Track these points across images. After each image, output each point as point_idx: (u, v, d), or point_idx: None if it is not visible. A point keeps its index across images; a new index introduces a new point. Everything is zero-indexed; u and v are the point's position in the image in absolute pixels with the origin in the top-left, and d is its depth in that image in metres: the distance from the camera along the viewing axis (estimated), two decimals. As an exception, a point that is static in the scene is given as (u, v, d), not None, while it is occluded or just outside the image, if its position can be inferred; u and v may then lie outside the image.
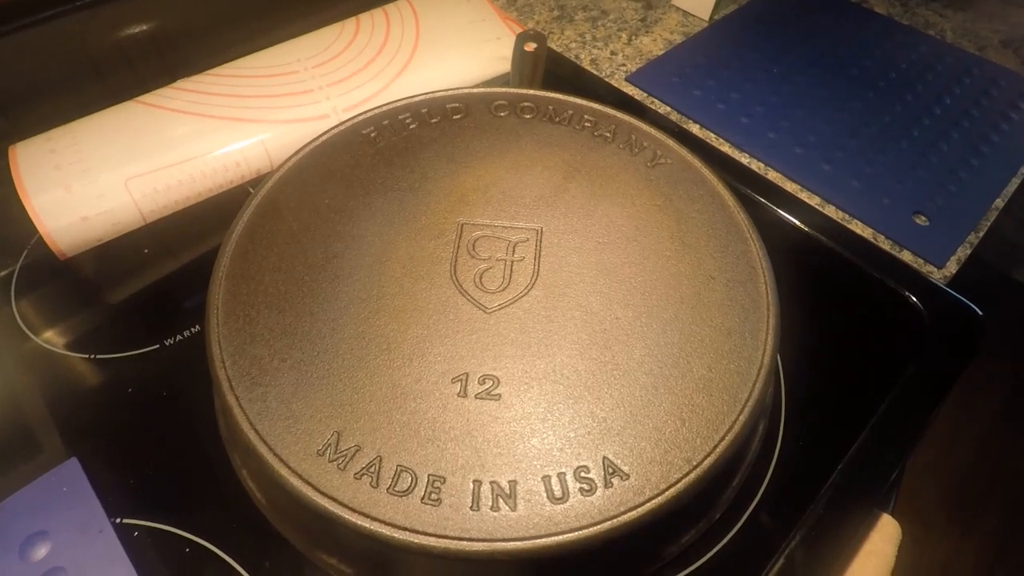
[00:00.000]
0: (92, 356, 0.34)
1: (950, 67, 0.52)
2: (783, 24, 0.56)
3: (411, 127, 0.36)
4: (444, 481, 0.24)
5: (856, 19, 0.57)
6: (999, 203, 0.43)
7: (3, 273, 0.37)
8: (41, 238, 0.35)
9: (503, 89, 0.38)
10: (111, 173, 0.37)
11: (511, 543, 0.23)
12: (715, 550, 0.29)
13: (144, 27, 0.45)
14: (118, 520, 0.28)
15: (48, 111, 0.39)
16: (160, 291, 0.38)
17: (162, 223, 0.38)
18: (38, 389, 0.33)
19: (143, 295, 0.38)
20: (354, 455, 0.24)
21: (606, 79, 0.50)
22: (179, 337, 0.34)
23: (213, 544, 0.28)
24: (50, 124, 0.39)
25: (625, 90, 0.49)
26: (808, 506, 0.29)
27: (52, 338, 0.35)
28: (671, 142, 0.36)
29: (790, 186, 0.43)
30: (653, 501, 0.24)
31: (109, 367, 0.34)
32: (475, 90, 0.38)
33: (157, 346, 0.34)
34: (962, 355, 0.36)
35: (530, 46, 0.43)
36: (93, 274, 0.38)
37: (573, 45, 0.53)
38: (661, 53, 0.52)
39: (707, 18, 0.56)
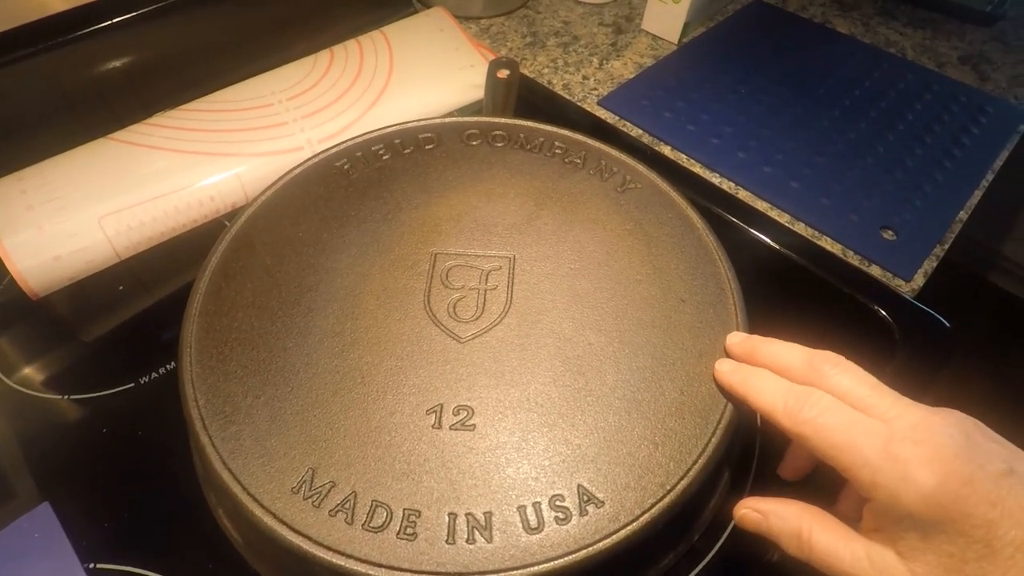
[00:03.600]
0: (66, 396, 0.34)
1: (911, 84, 0.54)
2: (750, 46, 0.57)
3: (384, 158, 0.37)
4: (419, 515, 0.24)
5: (820, 39, 0.59)
6: (963, 215, 0.44)
7: (-25, 314, 0.37)
8: (13, 279, 0.35)
9: (475, 118, 0.39)
10: (84, 211, 0.37)
11: (487, 576, 0.23)
12: (695, 572, 0.29)
13: (117, 64, 0.45)
14: (92, 565, 0.28)
15: (20, 150, 0.39)
16: (135, 328, 0.37)
17: (137, 259, 0.38)
18: (11, 431, 0.33)
19: (118, 333, 0.37)
20: (329, 491, 0.24)
21: (578, 103, 0.51)
22: (154, 375, 0.34)
23: (190, 586, 0.28)
24: (22, 163, 0.39)
25: (597, 114, 0.50)
26: (786, 524, 0.30)
27: (25, 379, 0.35)
28: (640, 167, 0.36)
29: (760, 204, 0.44)
30: (628, 527, 0.24)
31: (83, 407, 0.33)
32: (447, 120, 0.39)
33: (132, 384, 0.34)
34: (932, 365, 0.37)
35: (503, 73, 0.44)
36: (67, 313, 0.38)
37: (546, 71, 0.54)
38: (632, 76, 0.54)
39: (676, 41, 0.57)
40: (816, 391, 0.24)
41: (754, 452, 0.32)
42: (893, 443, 0.21)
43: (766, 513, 0.25)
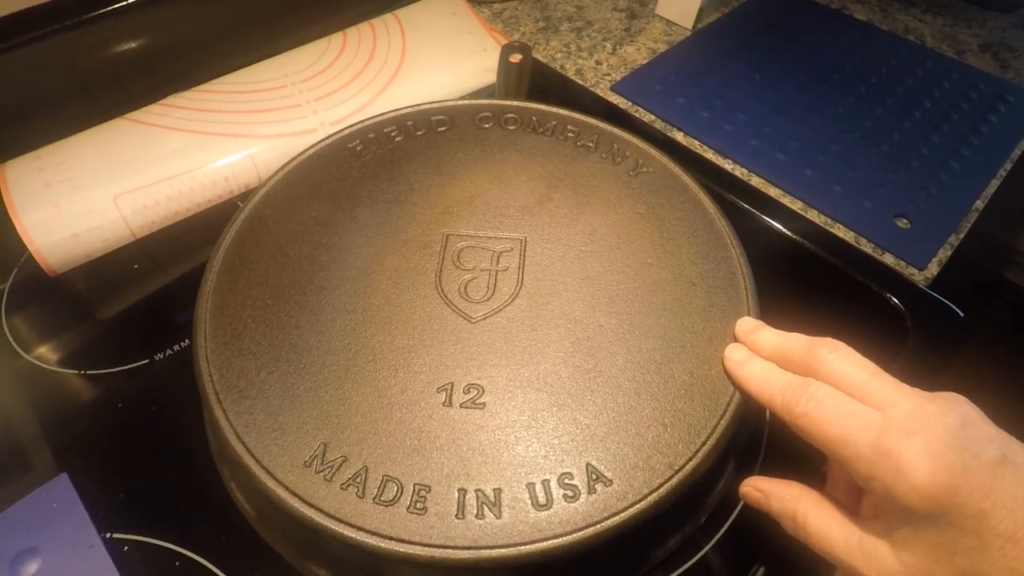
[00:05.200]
0: (82, 372, 0.34)
1: (929, 71, 0.53)
2: (765, 32, 0.57)
3: (397, 140, 0.37)
4: (429, 490, 0.24)
5: (837, 25, 0.58)
6: (979, 205, 0.44)
7: (-7, 290, 0.38)
8: (31, 255, 0.35)
9: (487, 101, 0.39)
10: (100, 190, 0.37)
11: (496, 550, 0.23)
12: (701, 553, 0.29)
13: (133, 45, 0.45)
14: (108, 535, 0.28)
15: (37, 130, 0.40)
16: (150, 306, 0.38)
17: (151, 238, 0.39)
18: (29, 406, 0.34)
19: (133, 310, 0.38)
20: (340, 466, 0.25)
21: (591, 89, 0.51)
22: (169, 351, 0.35)
23: (203, 557, 0.28)
24: (39, 143, 0.39)
25: (610, 99, 0.50)
26: (793, 508, 0.30)
27: (42, 355, 0.35)
28: (653, 151, 0.36)
29: (773, 191, 0.44)
30: (636, 506, 0.24)
31: (99, 382, 0.34)
32: (460, 102, 0.39)
33: (147, 360, 0.34)
34: (944, 354, 0.37)
35: (515, 57, 0.44)
36: (83, 290, 0.38)
37: (559, 55, 0.54)
38: (645, 62, 0.53)
39: (690, 27, 0.57)
40: (813, 383, 0.23)
41: (762, 438, 0.32)
42: (886, 435, 0.21)
43: (767, 493, 0.25)
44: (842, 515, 0.23)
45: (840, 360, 0.24)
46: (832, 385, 0.23)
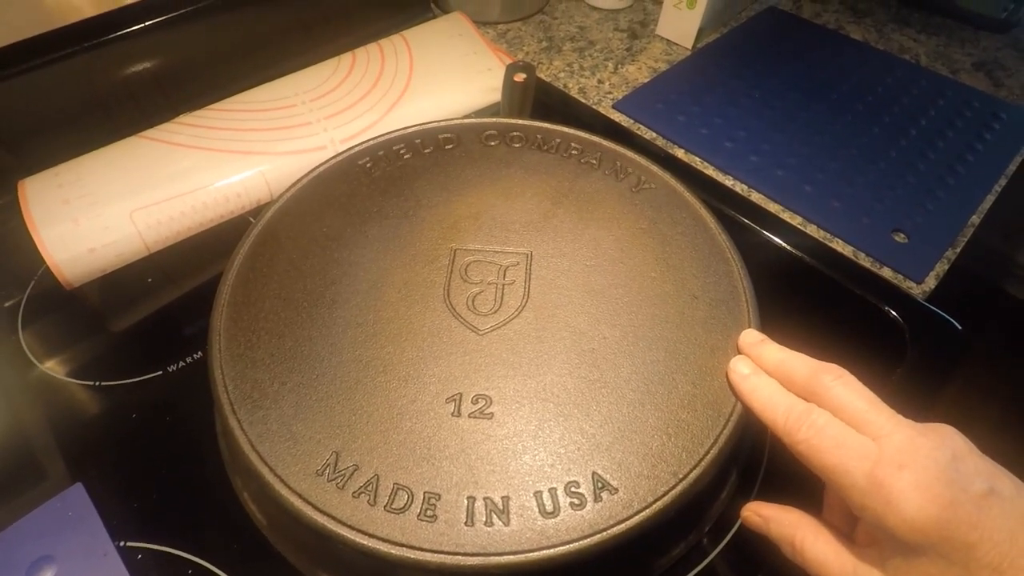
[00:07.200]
0: (97, 383, 0.35)
1: (925, 90, 0.54)
2: (763, 51, 0.58)
3: (405, 157, 0.38)
4: (439, 498, 0.25)
5: (833, 45, 0.59)
6: (975, 219, 0.44)
7: (10, 303, 0.38)
8: (48, 269, 0.36)
9: (493, 120, 0.40)
10: (116, 206, 0.38)
11: (504, 557, 0.23)
12: (705, 562, 0.29)
13: (147, 65, 0.47)
14: (122, 543, 0.29)
15: (56, 147, 0.41)
16: (163, 319, 0.39)
17: (165, 252, 0.40)
18: (44, 416, 0.34)
19: (147, 323, 0.39)
20: (352, 474, 0.25)
21: (593, 107, 0.52)
22: (182, 363, 0.35)
23: (216, 566, 0.29)
24: (58, 159, 0.40)
25: (612, 117, 0.51)
26: (795, 518, 0.30)
27: (57, 366, 0.36)
28: (655, 168, 0.37)
29: (773, 207, 0.45)
30: (641, 514, 0.24)
31: (113, 393, 0.35)
32: (466, 121, 0.40)
33: (160, 372, 0.35)
34: (943, 367, 0.37)
35: (519, 77, 0.45)
36: (98, 303, 0.39)
37: (561, 75, 0.55)
38: (646, 81, 0.54)
39: (690, 46, 0.58)
40: (815, 410, 0.24)
41: (764, 448, 0.33)
42: (879, 467, 0.22)
43: (767, 519, 0.26)
44: (838, 542, 0.24)
45: (842, 388, 0.25)
46: (831, 411, 0.24)
